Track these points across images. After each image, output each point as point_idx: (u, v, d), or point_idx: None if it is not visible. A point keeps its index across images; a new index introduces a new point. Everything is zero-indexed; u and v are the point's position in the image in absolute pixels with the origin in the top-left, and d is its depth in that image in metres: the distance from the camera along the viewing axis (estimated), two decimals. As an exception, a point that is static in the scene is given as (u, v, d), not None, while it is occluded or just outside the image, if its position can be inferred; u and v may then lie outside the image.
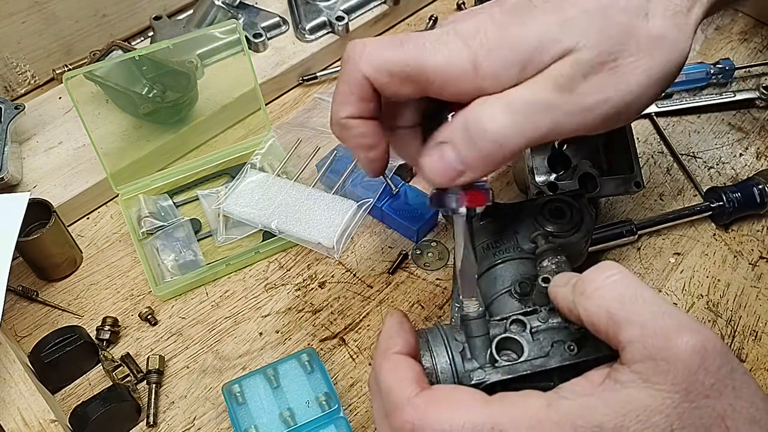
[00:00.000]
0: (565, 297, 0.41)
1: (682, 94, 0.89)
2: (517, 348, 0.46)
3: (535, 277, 0.51)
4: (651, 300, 0.37)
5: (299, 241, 0.73)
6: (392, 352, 0.44)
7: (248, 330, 0.69)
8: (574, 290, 0.40)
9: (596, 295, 0.38)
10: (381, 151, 0.48)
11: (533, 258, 0.55)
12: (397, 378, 0.42)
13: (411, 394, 0.40)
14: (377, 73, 0.44)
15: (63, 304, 0.71)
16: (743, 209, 0.74)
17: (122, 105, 0.81)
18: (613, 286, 0.38)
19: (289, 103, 0.91)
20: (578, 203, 0.60)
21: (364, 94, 0.46)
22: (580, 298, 0.39)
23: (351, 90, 0.46)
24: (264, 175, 0.78)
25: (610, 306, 0.37)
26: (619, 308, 0.37)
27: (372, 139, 0.48)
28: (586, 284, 0.39)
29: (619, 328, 0.37)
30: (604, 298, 0.38)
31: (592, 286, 0.39)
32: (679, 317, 0.37)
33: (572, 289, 0.40)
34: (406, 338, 0.45)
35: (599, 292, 0.38)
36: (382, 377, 0.42)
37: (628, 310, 0.37)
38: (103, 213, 0.80)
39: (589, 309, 0.38)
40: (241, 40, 0.76)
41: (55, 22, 0.87)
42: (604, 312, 0.38)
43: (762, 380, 0.65)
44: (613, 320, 0.37)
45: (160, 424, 0.63)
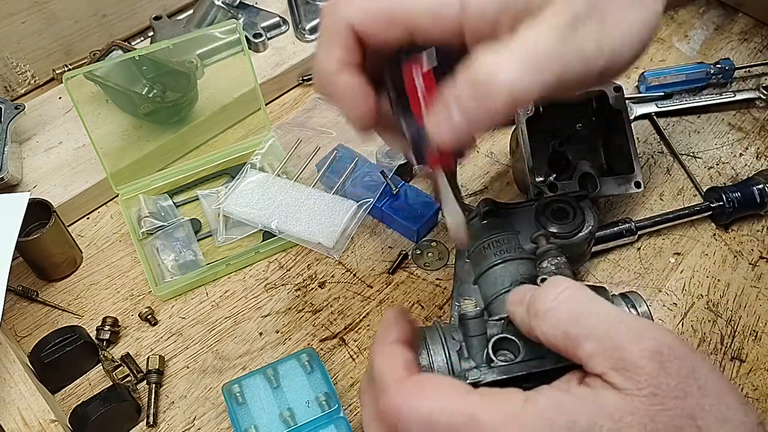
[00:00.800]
0: (522, 318, 0.42)
1: (682, 94, 0.89)
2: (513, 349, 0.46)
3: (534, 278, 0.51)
4: (604, 312, 0.38)
5: (299, 241, 0.73)
6: (388, 342, 0.44)
7: (248, 330, 0.69)
8: (528, 313, 0.40)
9: (549, 315, 0.39)
10: (370, 104, 0.45)
11: (533, 258, 0.55)
12: (388, 364, 0.42)
13: (398, 378, 0.41)
14: (363, 17, 0.42)
15: (63, 304, 0.71)
16: (743, 209, 0.74)
17: (122, 105, 0.81)
18: (564, 303, 0.39)
19: (289, 103, 0.91)
20: (582, 204, 0.60)
21: (349, 43, 0.43)
22: (535, 320, 0.40)
23: (335, 39, 0.43)
24: (264, 175, 0.78)
25: (564, 325, 0.38)
26: (573, 326, 0.38)
27: (360, 90, 0.45)
28: (538, 305, 0.40)
29: (577, 345, 0.37)
30: (557, 318, 0.38)
31: (544, 307, 0.39)
32: (633, 324, 0.37)
33: (527, 310, 0.41)
34: (403, 328, 0.46)
35: (551, 312, 0.39)
36: (376, 364, 0.43)
37: (581, 325, 0.37)
38: (103, 213, 0.80)
39: (546, 331, 0.39)
40: (241, 40, 0.76)
41: (55, 22, 0.87)
42: (559, 332, 0.38)
43: (762, 380, 0.65)
44: (570, 338, 0.38)
45: (160, 424, 0.63)
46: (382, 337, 0.45)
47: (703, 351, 0.67)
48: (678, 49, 0.96)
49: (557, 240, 0.57)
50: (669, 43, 0.97)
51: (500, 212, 0.60)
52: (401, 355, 0.43)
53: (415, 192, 0.77)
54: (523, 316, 0.41)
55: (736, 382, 0.65)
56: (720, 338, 0.68)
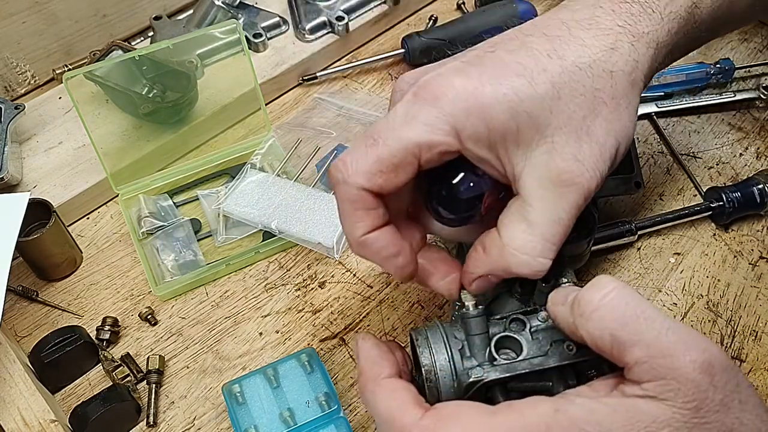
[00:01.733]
0: (564, 318, 0.41)
1: (682, 94, 0.89)
2: (516, 347, 0.46)
3: (535, 277, 0.51)
4: (652, 317, 0.37)
5: (299, 241, 0.73)
6: (382, 378, 0.43)
7: (248, 330, 0.69)
8: (572, 311, 0.40)
9: (595, 316, 0.38)
10: (407, 255, 0.48)
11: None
12: (396, 403, 0.41)
13: (416, 418, 0.40)
14: (370, 179, 0.44)
15: (63, 304, 0.71)
16: (743, 209, 0.74)
17: (122, 105, 0.81)
18: (612, 305, 0.38)
19: (289, 103, 0.91)
20: None
21: (367, 204, 0.46)
22: (580, 320, 0.39)
23: (354, 207, 0.46)
24: (264, 175, 0.78)
25: (611, 328, 0.37)
26: (621, 329, 0.37)
27: (395, 247, 0.47)
28: (584, 306, 0.39)
29: (624, 350, 0.37)
30: (605, 320, 0.38)
31: (590, 307, 0.38)
32: (682, 333, 0.36)
33: (570, 309, 0.40)
34: (390, 359, 0.45)
35: (598, 313, 0.38)
36: (380, 405, 0.42)
37: (630, 330, 0.37)
38: (103, 213, 0.80)
39: (592, 331, 0.38)
40: (241, 40, 0.76)
41: (55, 22, 0.87)
42: (607, 335, 0.37)
43: (762, 380, 0.65)
44: (617, 342, 0.37)
45: (160, 424, 0.63)
46: (373, 375, 0.44)
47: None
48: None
49: None
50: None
51: None
52: (406, 390, 0.42)
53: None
54: (567, 315, 0.40)
55: (736, 382, 0.65)
56: (720, 338, 0.68)
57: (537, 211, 0.44)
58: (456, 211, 0.48)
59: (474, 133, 0.43)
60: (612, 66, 0.44)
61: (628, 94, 0.45)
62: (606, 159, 0.45)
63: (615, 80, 0.44)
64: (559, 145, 0.43)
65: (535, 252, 0.44)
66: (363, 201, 0.45)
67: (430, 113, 0.44)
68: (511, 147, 0.44)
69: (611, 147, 0.45)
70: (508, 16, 0.94)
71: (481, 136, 0.43)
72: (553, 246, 0.45)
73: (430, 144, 0.44)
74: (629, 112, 0.46)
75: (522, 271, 0.45)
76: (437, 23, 1.01)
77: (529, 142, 0.44)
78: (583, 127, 0.43)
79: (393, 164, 0.44)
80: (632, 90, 0.46)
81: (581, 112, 0.43)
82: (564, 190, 0.43)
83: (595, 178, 0.44)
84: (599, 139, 0.44)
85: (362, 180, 0.44)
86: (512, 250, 0.45)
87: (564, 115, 0.43)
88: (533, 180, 0.44)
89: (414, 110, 0.44)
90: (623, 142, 0.46)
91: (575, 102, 0.43)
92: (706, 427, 0.34)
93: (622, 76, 0.45)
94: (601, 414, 0.36)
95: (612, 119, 0.44)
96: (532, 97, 0.43)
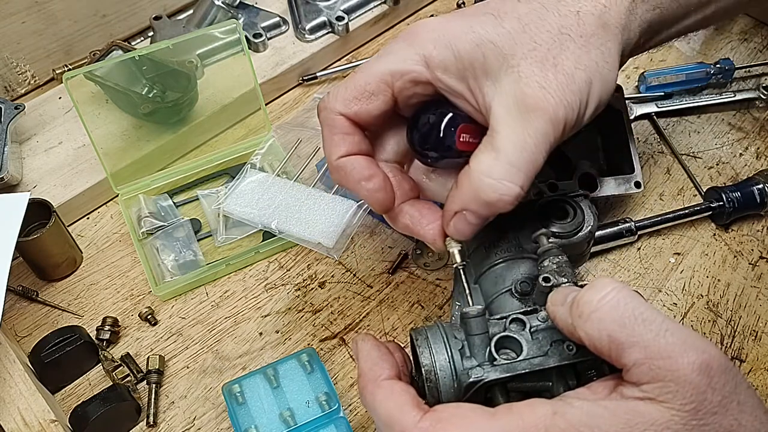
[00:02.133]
0: (563, 319, 0.41)
1: (682, 94, 0.89)
2: (516, 347, 0.46)
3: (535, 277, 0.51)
4: (651, 318, 0.37)
5: (299, 241, 0.73)
6: (382, 379, 0.44)
7: (248, 330, 0.69)
8: (571, 313, 0.40)
9: (594, 318, 0.38)
10: (380, 181, 0.50)
11: (534, 258, 0.55)
12: (396, 405, 0.41)
13: (415, 420, 0.40)
14: (347, 104, 0.49)
15: (63, 304, 0.71)
16: (743, 209, 0.74)
17: (122, 105, 0.81)
18: (610, 307, 0.38)
19: (289, 103, 0.91)
20: (582, 204, 0.60)
21: (344, 129, 0.50)
22: (579, 321, 0.39)
23: (333, 131, 0.50)
24: (264, 175, 0.78)
25: (610, 329, 0.37)
26: (620, 331, 0.37)
27: (368, 170, 0.50)
28: (582, 307, 0.39)
29: (622, 351, 0.37)
30: (603, 321, 0.38)
31: (589, 309, 0.38)
32: (681, 335, 0.36)
33: (569, 311, 0.40)
34: (390, 361, 0.45)
35: (597, 314, 0.38)
36: (379, 407, 0.42)
37: (629, 332, 0.37)
38: (103, 213, 0.80)
39: (590, 333, 0.38)
40: (241, 40, 0.76)
41: (55, 22, 0.87)
42: (605, 336, 0.37)
43: (762, 380, 0.65)
44: (615, 344, 0.37)
45: (160, 424, 0.63)
46: (373, 376, 0.44)
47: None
48: (678, 49, 0.96)
49: (557, 240, 0.57)
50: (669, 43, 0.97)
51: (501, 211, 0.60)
52: (405, 392, 0.42)
53: (415, 192, 0.77)
54: (566, 316, 0.41)
55: (736, 382, 0.65)
56: (720, 338, 0.68)
57: (503, 137, 0.45)
58: (430, 142, 0.49)
59: (442, 61, 0.47)
60: (578, 7, 0.47)
61: (599, 35, 0.47)
62: (575, 90, 0.45)
63: (582, 20, 0.46)
64: (524, 73, 0.45)
65: (499, 175, 0.45)
66: (340, 126, 0.49)
67: (403, 47, 0.48)
68: (481, 77, 0.46)
69: (580, 80, 0.45)
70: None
71: (449, 65, 0.46)
72: (519, 172, 0.45)
73: (401, 72, 0.48)
74: (602, 52, 0.47)
75: (490, 197, 0.45)
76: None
77: (497, 71, 0.46)
78: (549, 58, 0.45)
79: (367, 91, 0.48)
80: (604, 32, 0.47)
81: (547, 45, 0.46)
82: (529, 115, 0.45)
83: (561, 106, 0.45)
84: (566, 70, 0.45)
85: (340, 106, 0.49)
86: (479, 176, 0.46)
87: (529, 46, 0.45)
88: (500, 108, 0.45)
89: (391, 47, 0.49)
90: (597, 82, 0.46)
91: (541, 36, 0.46)
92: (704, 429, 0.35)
93: (590, 17, 0.46)
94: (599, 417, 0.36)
95: (581, 54, 0.46)
96: (498, 29, 0.46)
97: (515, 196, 0.45)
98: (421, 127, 0.50)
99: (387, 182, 0.50)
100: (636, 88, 0.91)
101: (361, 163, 0.50)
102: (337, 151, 0.49)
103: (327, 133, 0.50)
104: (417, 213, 0.51)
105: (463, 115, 0.49)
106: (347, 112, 0.49)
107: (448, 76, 0.47)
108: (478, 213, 0.47)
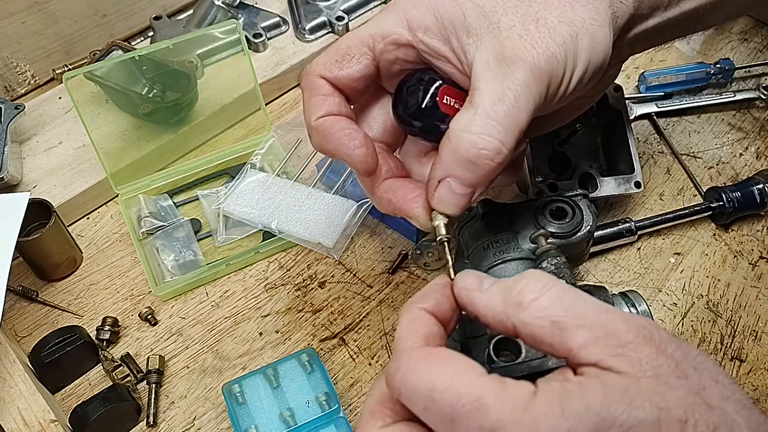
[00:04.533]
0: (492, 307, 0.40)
1: (682, 94, 0.89)
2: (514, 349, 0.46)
3: (535, 278, 0.51)
4: (590, 301, 0.37)
5: (299, 241, 0.73)
6: (417, 306, 0.42)
7: (248, 330, 0.69)
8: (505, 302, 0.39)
9: (535, 305, 0.37)
10: (361, 138, 0.48)
11: (533, 258, 0.55)
12: (409, 329, 0.40)
13: (413, 345, 0.39)
14: (328, 68, 0.49)
15: (63, 304, 0.71)
16: (743, 209, 0.74)
17: (122, 105, 0.81)
18: (555, 294, 0.37)
19: (289, 103, 0.91)
20: (581, 204, 0.60)
21: (324, 90, 0.49)
22: (515, 310, 0.38)
23: (313, 93, 0.49)
24: (264, 175, 0.78)
25: (554, 315, 0.37)
26: (564, 315, 0.36)
27: (348, 128, 0.48)
28: (522, 295, 0.38)
29: (567, 336, 0.36)
30: (545, 308, 0.37)
31: (530, 297, 0.38)
32: (619, 313, 0.37)
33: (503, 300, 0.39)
34: (438, 299, 0.42)
35: (539, 301, 0.37)
36: (399, 327, 0.41)
37: (572, 315, 0.36)
38: (103, 213, 0.80)
39: (529, 321, 0.37)
40: (241, 40, 0.76)
41: (55, 22, 0.87)
42: (547, 323, 0.37)
43: (762, 380, 0.65)
44: (560, 328, 0.36)
45: (160, 424, 0.63)
46: (415, 299, 0.42)
47: (703, 351, 0.67)
48: (678, 49, 0.96)
49: (556, 240, 0.57)
50: (669, 42, 0.97)
51: (499, 212, 0.60)
52: (426, 324, 0.41)
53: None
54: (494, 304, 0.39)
55: (736, 382, 0.65)
56: (720, 338, 0.68)
57: (481, 93, 0.44)
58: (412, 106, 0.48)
59: (423, 22, 0.46)
60: None
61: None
62: (559, 42, 0.44)
63: None
64: (504, 27, 0.45)
65: (478, 129, 0.43)
66: (320, 88, 0.49)
67: (384, 13, 0.49)
68: (462, 36, 0.46)
69: (565, 33, 0.45)
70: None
71: (430, 25, 0.46)
72: (498, 125, 0.43)
73: (382, 34, 0.48)
74: (588, 9, 0.46)
75: (469, 152, 0.44)
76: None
77: (478, 29, 0.45)
78: (530, 14, 0.45)
79: (347, 54, 0.49)
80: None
81: (528, 2, 0.45)
82: (508, 68, 0.44)
83: (543, 56, 0.44)
84: (548, 23, 0.45)
85: (320, 69, 0.49)
86: (457, 133, 0.44)
87: (511, 3, 0.45)
88: (480, 64, 0.45)
89: (377, 15, 0.50)
90: (584, 37, 0.46)
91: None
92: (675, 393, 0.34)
93: None
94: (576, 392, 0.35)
95: (565, 10, 0.45)
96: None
97: (495, 151, 0.44)
98: (403, 92, 0.49)
99: (369, 141, 0.49)
100: (636, 88, 0.91)
101: (341, 122, 0.48)
102: (317, 112, 0.48)
103: (307, 96, 0.50)
104: (400, 187, 0.50)
105: (446, 79, 0.48)
106: (328, 75, 0.49)
107: (430, 37, 0.47)
108: (463, 177, 0.45)
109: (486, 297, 0.40)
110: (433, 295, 0.42)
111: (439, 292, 0.42)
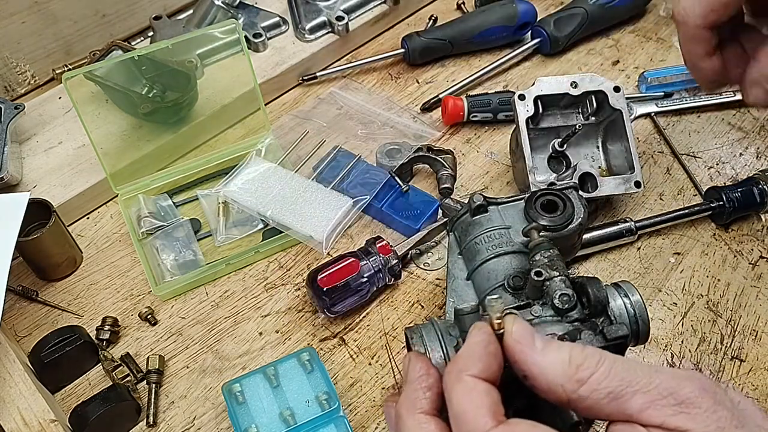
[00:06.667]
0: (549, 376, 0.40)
1: (682, 94, 0.89)
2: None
3: (527, 271, 0.51)
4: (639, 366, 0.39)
5: (290, 232, 0.74)
6: (468, 374, 0.40)
7: (248, 330, 0.69)
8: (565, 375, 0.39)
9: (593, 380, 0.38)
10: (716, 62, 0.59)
11: (526, 252, 0.55)
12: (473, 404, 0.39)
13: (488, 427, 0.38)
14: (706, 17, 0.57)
15: (63, 304, 0.71)
16: (743, 209, 0.74)
17: (122, 105, 0.81)
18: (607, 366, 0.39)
19: (289, 103, 0.91)
20: (571, 196, 0.60)
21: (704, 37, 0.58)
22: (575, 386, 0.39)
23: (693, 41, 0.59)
24: (267, 164, 0.79)
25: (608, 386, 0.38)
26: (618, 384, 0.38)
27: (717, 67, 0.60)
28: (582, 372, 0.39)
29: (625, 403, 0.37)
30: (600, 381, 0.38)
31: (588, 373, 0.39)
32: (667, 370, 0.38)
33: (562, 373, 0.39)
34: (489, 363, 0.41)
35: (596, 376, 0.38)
36: (455, 399, 0.40)
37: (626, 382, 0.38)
38: (103, 213, 0.80)
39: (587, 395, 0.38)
40: (240, 40, 0.76)
41: (55, 22, 0.87)
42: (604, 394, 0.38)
43: (762, 380, 0.65)
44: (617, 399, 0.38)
45: (160, 424, 0.63)
46: (462, 367, 0.41)
47: (703, 351, 0.67)
48: (678, 49, 0.95)
49: (548, 233, 0.57)
50: (669, 42, 0.97)
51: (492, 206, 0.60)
52: (487, 394, 0.40)
53: (415, 191, 0.77)
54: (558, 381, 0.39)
55: (736, 382, 0.65)
56: (720, 338, 0.68)
57: None
58: None
59: None
60: None
61: None
62: None
63: None
64: None
65: None
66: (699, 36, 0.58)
67: None
68: None
69: None
70: (508, 17, 0.94)
71: None
72: None
73: None
74: None
75: None
76: (437, 23, 1.01)
77: None
78: None
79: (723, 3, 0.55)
80: None
81: None
82: None
83: None
84: None
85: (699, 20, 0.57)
86: None
87: None
88: None
89: None
90: None
91: None
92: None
93: None
94: None
95: None
96: None
97: None
98: None
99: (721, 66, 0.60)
100: (636, 88, 0.91)
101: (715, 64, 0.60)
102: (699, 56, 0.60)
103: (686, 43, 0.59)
104: None
105: None
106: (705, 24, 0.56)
107: None
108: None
109: (544, 363, 0.40)
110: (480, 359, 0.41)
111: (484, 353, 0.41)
